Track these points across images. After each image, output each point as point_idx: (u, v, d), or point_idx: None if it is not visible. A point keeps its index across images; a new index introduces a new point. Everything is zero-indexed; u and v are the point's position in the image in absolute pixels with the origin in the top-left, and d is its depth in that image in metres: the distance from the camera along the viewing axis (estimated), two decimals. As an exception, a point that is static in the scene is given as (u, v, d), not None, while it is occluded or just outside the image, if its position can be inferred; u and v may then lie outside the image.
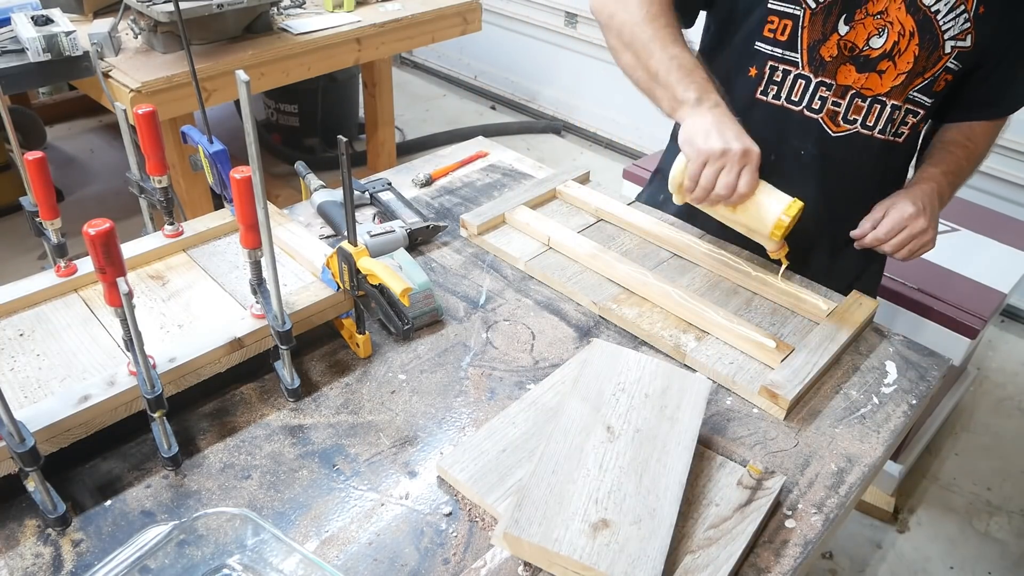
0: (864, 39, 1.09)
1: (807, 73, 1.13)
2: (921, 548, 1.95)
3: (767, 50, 1.14)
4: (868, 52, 1.09)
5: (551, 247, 1.21)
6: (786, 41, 1.12)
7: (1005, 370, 2.55)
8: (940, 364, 1.05)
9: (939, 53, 1.08)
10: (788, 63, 1.13)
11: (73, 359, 0.90)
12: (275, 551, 0.74)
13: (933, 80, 1.11)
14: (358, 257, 0.90)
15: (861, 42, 1.09)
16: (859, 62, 1.10)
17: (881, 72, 1.10)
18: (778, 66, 1.14)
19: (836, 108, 1.14)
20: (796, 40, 1.11)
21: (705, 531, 0.77)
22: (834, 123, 1.16)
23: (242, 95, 0.73)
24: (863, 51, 1.09)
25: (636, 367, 0.90)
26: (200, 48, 2.06)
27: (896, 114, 1.14)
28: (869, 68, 1.10)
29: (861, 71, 1.11)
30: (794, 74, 1.14)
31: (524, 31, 3.98)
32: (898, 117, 1.15)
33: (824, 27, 1.09)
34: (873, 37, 1.08)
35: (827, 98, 1.14)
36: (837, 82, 1.12)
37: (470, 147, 1.57)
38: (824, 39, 1.10)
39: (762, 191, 1.03)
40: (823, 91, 1.13)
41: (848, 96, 1.13)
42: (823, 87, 1.13)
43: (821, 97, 1.14)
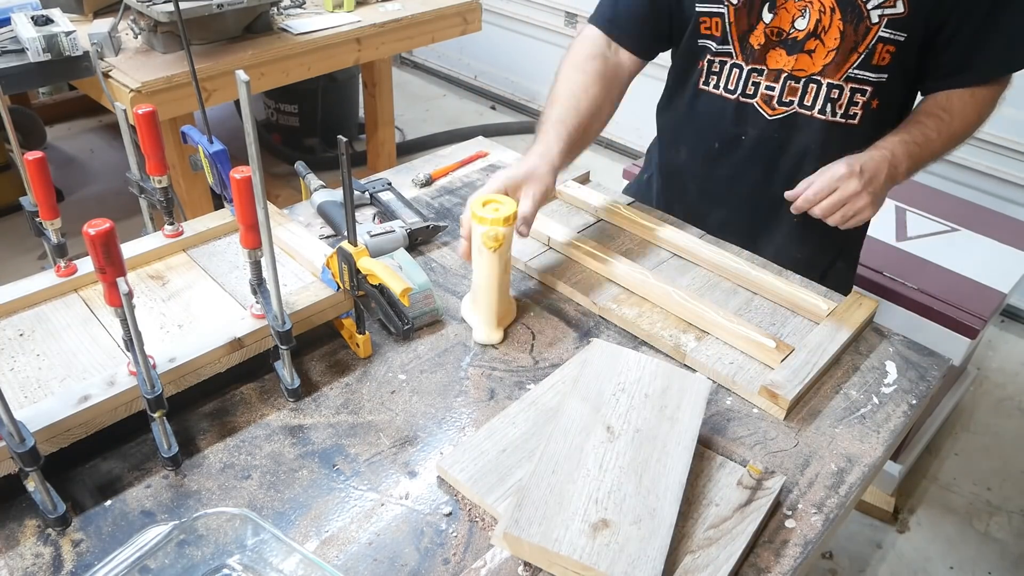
0: (789, 22, 1.12)
1: (740, 62, 1.19)
2: (921, 548, 1.95)
3: (708, 45, 1.22)
4: (795, 34, 1.12)
5: (551, 247, 1.21)
6: (719, 36, 1.19)
7: (1005, 370, 2.55)
8: (940, 364, 1.05)
9: (866, 24, 1.07)
10: (724, 55, 1.21)
11: (73, 359, 0.90)
12: (275, 551, 0.74)
13: (869, 53, 1.10)
14: (358, 257, 0.90)
15: (787, 26, 1.12)
16: (787, 45, 1.14)
17: (810, 52, 1.12)
18: (715, 59, 1.22)
19: (770, 92, 1.19)
20: (727, 33, 1.18)
21: (705, 531, 0.77)
22: (769, 106, 1.20)
23: (242, 95, 0.73)
24: (790, 34, 1.12)
25: (636, 367, 0.90)
26: (200, 48, 2.06)
27: (836, 93, 1.14)
28: (797, 49, 1.13)
29: (791, 53, 1.14)
30: (729, 63, 1.21)
31: (524, 31, 3.98)
32: (841, 97, 1.15)
33: (750, 18, 1.15)
34: (797, 19, 1.11)
35: (760, 83, 1.19)
36: (768, 67, 1.17)
37: (470, 147, 1.57)
38: (751, 28, 1.15)
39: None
40: (755, 76, 1.19)
41: (781, 79, 1.17)
42: (755, 73, 1.18)
43: (754, 83, 1.19)
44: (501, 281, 1.01)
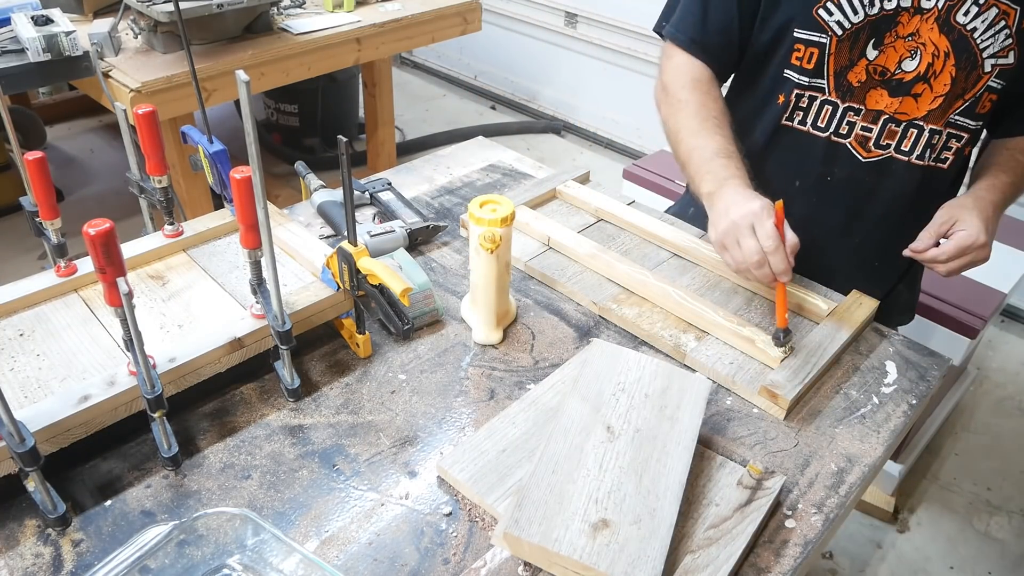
0: (896, 62, 1.06)
1: (834, 99, 1.11)
2: (921, 548, 1.95)
3: (794, 78, 1.13)
4: (901, 76, 1.06)
5: (551, 247, 1.21)
6: (812, 69, 1.10)
7: (1005, 370, 2.55)
8: (940, 364, 1.05)
9: (978, 73, 1.04)
10: (815, 89, 1.12)
11: (73, 359, 0.90)
12: (275, 551, 0.74)
13: (975, 101, 1.07)
14: (358, 257, 0.90)
15: (892, 65, 1.06)
16: (891, 86, 1.08)
17: (916, 96, 1.07)
18: (804, 93, 1.13)
19: (866, 133, 1.12)
20: (823, 67, 1.10)
21: (705, 531, 0.77)
22: (864, 148, 1.13)
23: (242, 95, 0.73)
24: (895, 75, 1.06)
25: (636, 367, 0.90)
26: (200, 48, 2.06)
27: (936, 139, 1.10)
28: (903, 92, 1.07)
29: (894, 95, 1.08)
30: (820, 100, 1.12)
31: (524, 31, 3.98)
32: (939, 142, 1.11)
33: (852, 53, 1.07)
34: (905, 60, 1.05)
35: (856, 123, 1.12)
36: (867, 107, 1.10)
37: (470, 147, 1.57)
38: (852, 64, 1.08)
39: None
40: (851, 116, 1.12)
41: (880, 121, 1.10)
42: (851, 112, 1.11)
43: (849, 122, 1.12)
44: (500, 281, 1.01)
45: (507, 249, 1.01)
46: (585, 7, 3.61)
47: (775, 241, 0.96)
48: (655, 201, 2.19)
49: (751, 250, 0.97)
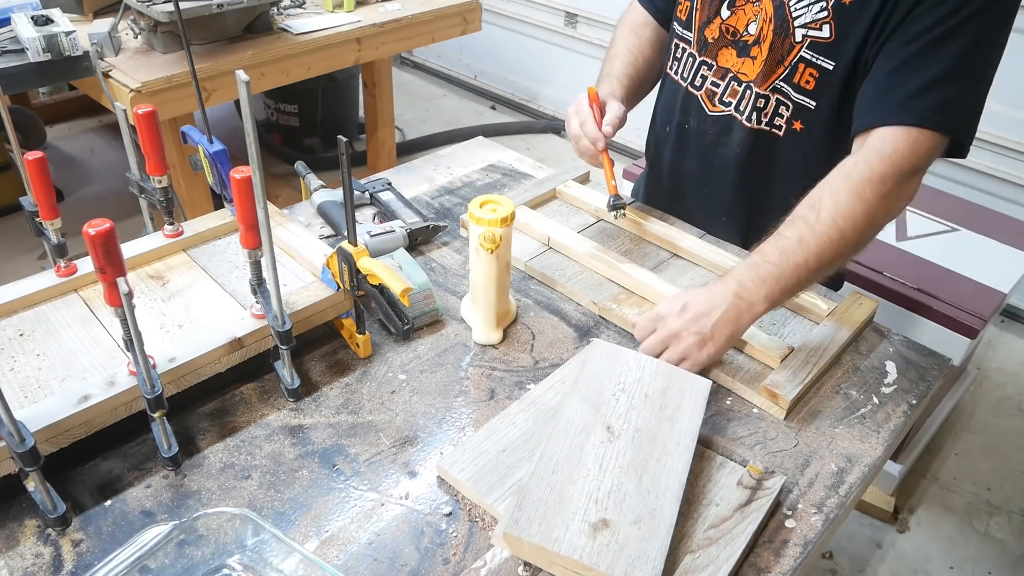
0: (744, 24, 1.11)
1: (694, 51, 1.20)
2: (921, 548, 1.95)
3: (676, 30, 1.24)
4: (746, 38, 1.12)
5: (551, 247, 1.21)
6: (685, 21, 1.20)
7: (1005, 370, 2.55)
8: (940, 364, 1.05)
9: (791, 41, 1.06)
10: (685, 41, 1.22)
11: (73, 359, 0.90)
12: (275, 551, 0.74)
13: (791, 70, 1.07)
14: (358, 257, 0.90)
15: (741, 27, 1.12)
16: (738, 46, 1.13)
17: (753, 58, 1.12)
18: (679, 43, 1.23)
19: (715, 88, 1.18)
20: (691, 21, 1.19)
21: (705, 531, 0.77)
22: (711, 102, 1.20)
23: (242, 95, 0.73)
24: (742, 36, 1.12)
25: (636, 367, 0.90)
26: (200, 48, 2.06)
27: (762, 103, 1.12)
28: (745, 53, 1.12)
29: (740, 56, 1.13)
30: (687, 52, 1.21)
31: (524, 31, 3.98)
32: (766, 107, 1.12)
33: (710, 10, 1.15)
34: (751, 23, 1.10)
35: (707, 77, 1.19)
36: (718, 64, 1.16)
37: (470, 147, 1.57)
38: (709, 21, 1.15)
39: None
40: (704, 70, 1.19)
41: (727, 78, 1.16)
42: (704, 66, 1.18)
43: (703, 76, 1.19)
44: (500, 282, 1.01)
45: (507, 249, 1.01)
46: (585, 7, 3.61)
47: (585, 115, 1.15)
48: (655, 201, 2.18)
49: (572, 128, 1.17)
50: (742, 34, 1.11)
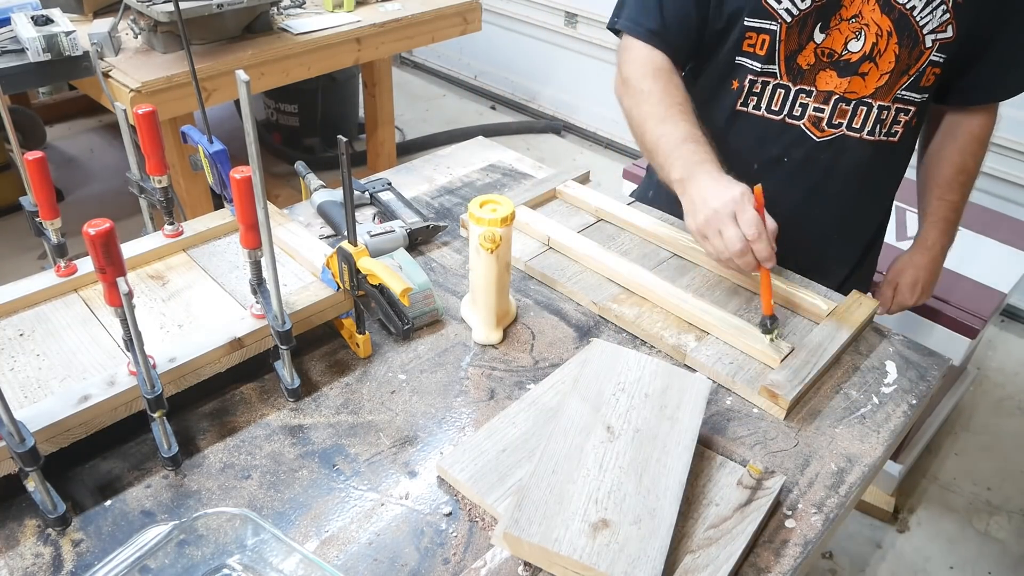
0: (842, 44, 1.10)
1: (786, 82, 1.15)
2: (921, 548, 1.95)
3: (747, 64, 1.16)
4: (848, 56, 1.10)
5: (551, 247, 1.21)
6: (764, 55, 1.14)
7: (1005, 370, 2.55)
8: (940, 364, 1.05)
9: (920, 48, 1.08)
10: (767, 75, 1.16)
11: (73, 359, 0.90)
12: (275, 551, 0.74)
13: (919, 76, 1.11)
14: (358, 257, 0.90)
15: (839, 47, 1.10)
16: (839, 67, 1.11)
17: (863, 75, 1.11)
18: (757, 79, 1.17)
19: (819, 114, 1.16)
20: (774, 53, 1.13)
21: (705, 531, 0.77)
22: (817, 128, 1.17)
23: (242, 95, 0.73)
24: (842, 56, 1.10)
25: (636, 367, 0.90)
26: (200, 48, 2.06)
27: (885, 114, 1.15)
28: (850, 72, 1.11)
29: (842, 75, 1.12)
30: (773, 84, 1.16)
31: (524, 31, 3.98)
32: (888, 117, 1.15)
33: (800, 38, 1.11)
34: (851, 41, 1.09)
35: (808, 104, 1.16)
36: (818, 88, 1.14)
37: (470, 147, 1.57)
38: (801, 48, 1.12)
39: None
40: (803, 98, 1.15)
41: (831, 101, 1.14)
42: (803, 94, 1.15)
43: (802, 104, 1.16)
44: (500, 282, 1.01)
45: (507, 249, 1.01)
46: (585, 7, 3.61)
47: (758, 228, 0.96)
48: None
49: (734, 239, 0.97)
50: (841, 54, 1.10)
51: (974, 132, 1.21)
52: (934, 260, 1.30)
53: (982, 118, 1.21)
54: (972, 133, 1.21)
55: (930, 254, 1.29)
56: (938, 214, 1.27)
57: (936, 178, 1.25)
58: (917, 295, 1.32)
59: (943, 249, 1.30)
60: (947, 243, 1.30)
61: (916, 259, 1.31)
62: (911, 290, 1.32)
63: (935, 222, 1.28)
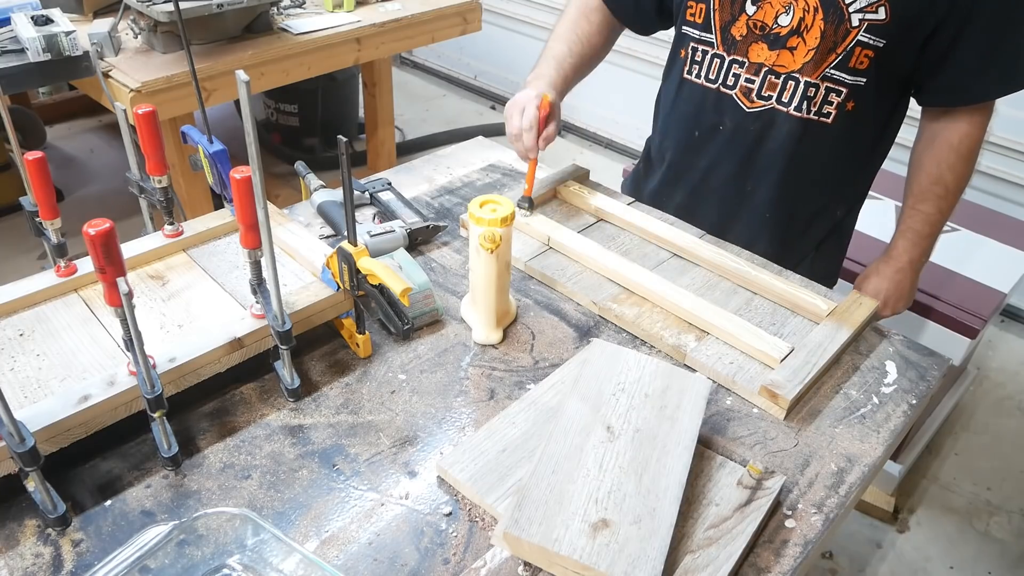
0: (773, 17, 1.12)
1: (721, 52, 1.20)
2: (921, 548, 1.95)
3: (690, 33, 1.23)
4: (778, 30, 1.12)
5: (551, 247, 1.21)
6: (702, 23, 1.20)
7: (1005, 370, 2.55)
8: (940, 364, 1.05)
9: (846, 27, 1.08)
10: (706, 44, 1.22)
11: (73, 359, 0.90)
12: (275, 551, 0.74)
13: (847, 55, 1.10)
14: (358, 257, 0.90)
15: (770, 20, 1.13)
16: (770, 39, 1.14)
17: (792, 49, 1.13)
18: (698, 47, 1.23)
19: (750, 84, 1.19)
20: (710, 22, 1.19)
21: (705, 531, 0.77)
22: (748, 99, 1.20)
23: (242, 95, 0.73)
24: (773, 29, 1.13)
25: (636, 367, 0.90)
26: (200, 48, 2.06)
27: (812, 91, 1.14)
28: (780, 45, 1.13)
29: (772, 48, 1.14)
30: (711, 53, 1.21)
31: (524, 31, 3.98)
32: (816, 95, 1.15)
33: (733, 8, 1.15)
34: (781, 15, 1.11)
35: (740, 75, 1.19)
36: (750, 60, 1.17)
37: (470, 147, 1.57)
38: (734, 19, 1.16)
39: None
40: (736, 68, 1.19)
41: (762, 73, 1.17)
42: (736, 64, 1.19)
43: (735, 74, 1.20)
44: (500, 281, 1.01)
45: (507, 249, 1.01)
46: (585, 7, 3.60)
47: (530, 123, 1.15)
48: (655, 201, 2.18)
49: (514, 126, 1.18)
50: (772, 27, 1.12)
51: (952, 142, 1.17)
52: (899, 271, 1.26)
53: (963, 127, 1.16)
54: (950, 143, 1.17)
55: (895, 264, 1.26)
56: (908, 223, 1.25)
57: (911, 186, 1.24)
58: (879, 305, 1.23)
59: (912, 262, 1.26)
60: (917, 256, 1.26)
61: (880, 267, 1.28)
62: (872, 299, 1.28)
63: (904, 232, 1.26)
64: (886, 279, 1.27)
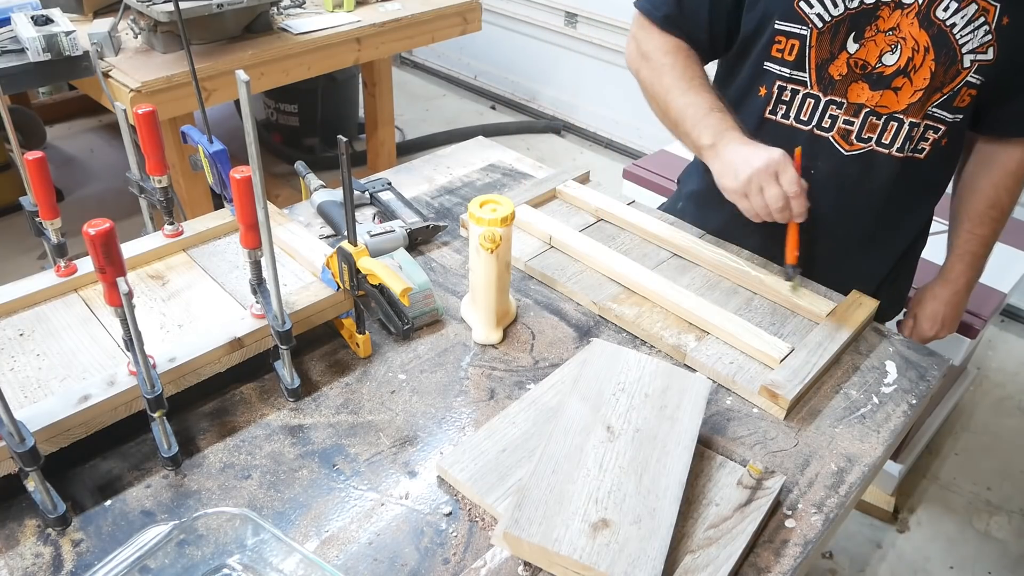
0: (876, 56, 1.06)
1: (816, 92, 1.12)
2: (921, 548, 1.95)
3: (775, 70, 1.14)
4: (881, 69, 1.07)
5: (552, 246, 1.21)
6: (794, 61, 1.11)
7: (1005, 370, 2.55)
8: (940, 364, 1.05)
9: (957, 67, 1.04)
10: (797, 83, 1.13)
11: (73, 359, 0.90)
12: (275, 551, 0.74)
13: (953, 95, 1.07)
14: (358, 257, 0.90)
15: (873, 59, 1.07)
16: (872, 79, 1.08)
17: (896, 89, 1.08)
18: (787, 86, 1.14)
19: (848, 127, 1.13)
20: (804, 60, 1.11)
21: (705, 531, 0.77)
22: (846, 141, 1.14)
23: (242, 95, 0.73)
24: (876, 68, 1.07)
25: (636, 367, 0.90)
26: (200, 48, 2.06)
27: (915, 131, 1.11)
28: (883, 85, 1.08)
29: (875, 88, 1.08)
30: (803, 93, 1.13)
31: (524, 31, 3.98)
32: (917, 134, 1.11)
33: (832, 46, 1.08)
34: (886, 54, 1.06)
35: (838, 116, 1.12)
36: (849, 100, 1.11)
37: (470, 147, 1.57)
38: (833, 58, 1.09)
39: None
40: (833, 109, 1.12)
41: (862, 114, 1.11)
42: (833, 105, 1.12)
43: (832, 116, 1.13)
44: (500, 282, 1.01)
45: (507, 249, 1.01)
46: (585, 7, 3.61)
47: (799, 187, 1.03)
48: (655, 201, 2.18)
49: (776, 196, 1.03)
50: (874, 66, 1.07)
51: (1009, 167, 1.17)
52: (956, 294, 1.27)
53: (1020, 152, 1.16)
54: (1007, 167, 1.17)
55: (953, 287, 1.27)
56: (966, 247, 1.24)
57: (967, 211, 1.22)
58: (937, 328, 1.29)
59: (968, 283, 1.27)
60: (973, 277, 1.27)
61: (938, 291, 1.28)
62: (930, 323, 1.29)
63: (962, 255, 1.25)
64: (943, 303, 1.27)
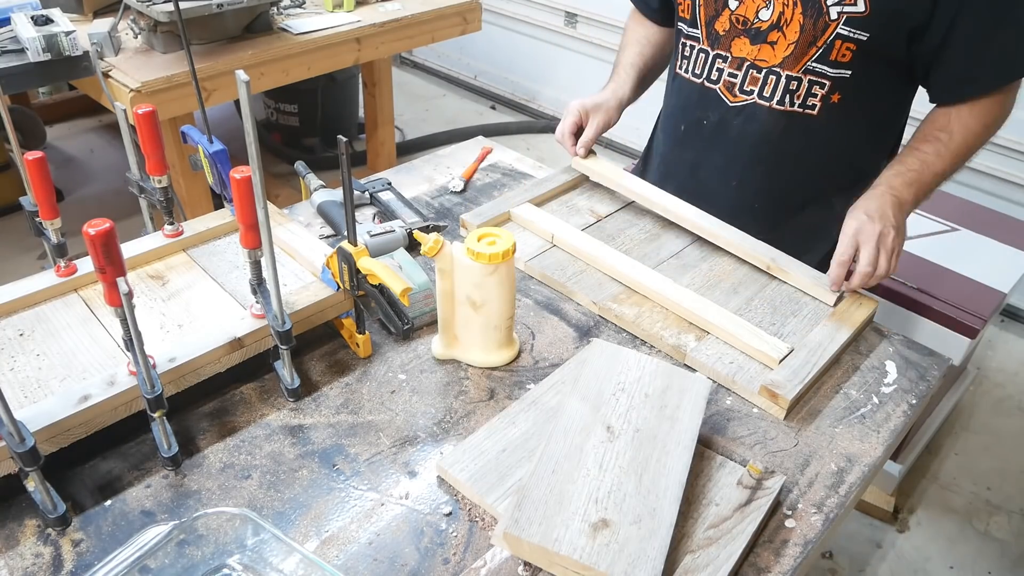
0: (754, 12, 1.14)
1: (706, 47, 1.22)
2: (921, 548, 1.95)
3: (682, 29, 1.26)
4: (759, 24, 1.14)
5: (555, 244, 1.21)
6: (689, 19, 1.23)
7: (1005, 370, 2.55)
8: (940, 364, 1.05)
9: (825, 19, 1.08)
10: (693, 39, 1.24)
11: (73, 359, 0.90)
12: (275, 551, 0.74)
13: (827, 48, 1.10)
14: (358, 257, 0.90)
15: (751, 15, 1.14)
16: (751, 34, 1.16)
17: (772, 43, 1.14)
18: (686, 42, 1.26)
19: (732, 79, 1.21)
20: (696, 17, 1.22)
21: (705, 531, 0.77)
22: (731, 93, 1.22)
23: (242, 95, 0.73)
24: (754, 24, 1.14)
25: (636, 367, 0.90)
26: (200, 48, 2.06)
27: (794, 85, 1.15)
28: (760, 40, 1.15)
29: (754, 43, 1.16)
30: (697, 48, 1.24)
31: (524, 31, 3.98)
32: (799, 88, 1.16)
33: (716, 4, 1.18)
34: (762, 9, 1.13)
35: (724, 70, 1.21)
36: (732, 54, 1.19)
37: (470, 146, 1.57)
38: (717, 15, 1.18)
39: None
40: (720, 63, 1.21)
41: (744, 68, 1.19)
42: (720, 59, 1.21)
43: (719, 69, 1.22)
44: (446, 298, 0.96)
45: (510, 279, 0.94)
46: (585, 7, 3.60)
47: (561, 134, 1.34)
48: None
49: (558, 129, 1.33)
50: (753, 22, 1.14)
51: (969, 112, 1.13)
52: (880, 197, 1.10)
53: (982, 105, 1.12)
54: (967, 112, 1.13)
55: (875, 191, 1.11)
56: (903, 160, 1.14)
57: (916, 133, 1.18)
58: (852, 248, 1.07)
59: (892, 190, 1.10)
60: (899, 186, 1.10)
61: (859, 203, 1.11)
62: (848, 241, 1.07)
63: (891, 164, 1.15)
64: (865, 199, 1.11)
